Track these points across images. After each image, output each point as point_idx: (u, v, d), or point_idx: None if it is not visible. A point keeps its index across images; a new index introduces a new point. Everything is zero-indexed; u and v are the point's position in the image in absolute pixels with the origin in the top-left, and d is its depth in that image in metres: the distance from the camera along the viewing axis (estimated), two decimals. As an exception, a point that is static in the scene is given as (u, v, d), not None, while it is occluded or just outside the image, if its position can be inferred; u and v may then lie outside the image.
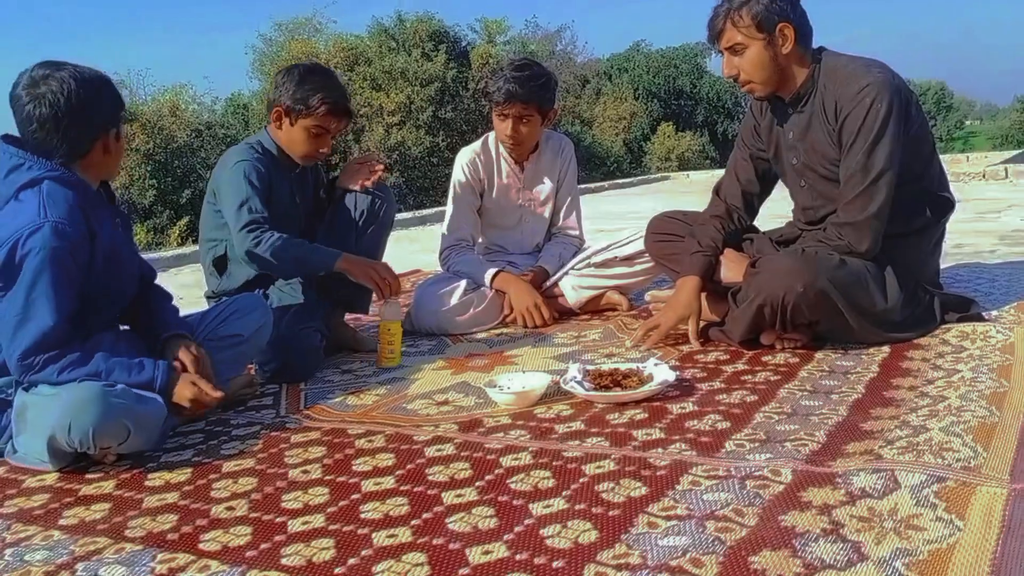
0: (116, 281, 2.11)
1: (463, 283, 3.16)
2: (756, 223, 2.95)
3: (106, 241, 2.04)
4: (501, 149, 3.31)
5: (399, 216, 8.71)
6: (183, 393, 2.03)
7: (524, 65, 3.16)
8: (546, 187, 3.38)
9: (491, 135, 3.34)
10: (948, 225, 2.71)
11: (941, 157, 2.74)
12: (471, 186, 3.30)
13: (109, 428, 1.84)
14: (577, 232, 3.46)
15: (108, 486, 1.84)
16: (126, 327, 2.26)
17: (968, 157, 15.27)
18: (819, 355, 2.46)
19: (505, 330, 3.15)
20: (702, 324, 2.70)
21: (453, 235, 3.30)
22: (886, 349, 2.44)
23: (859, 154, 2.42)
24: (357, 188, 2.90)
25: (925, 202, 2.59)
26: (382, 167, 2.95)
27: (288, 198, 2.82)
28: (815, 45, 2.58)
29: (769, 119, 2.71)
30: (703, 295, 2.70)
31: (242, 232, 2.57)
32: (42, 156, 1.98)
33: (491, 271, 3.18)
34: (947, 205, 2.65)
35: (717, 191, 2.88)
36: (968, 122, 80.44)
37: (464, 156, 3.33)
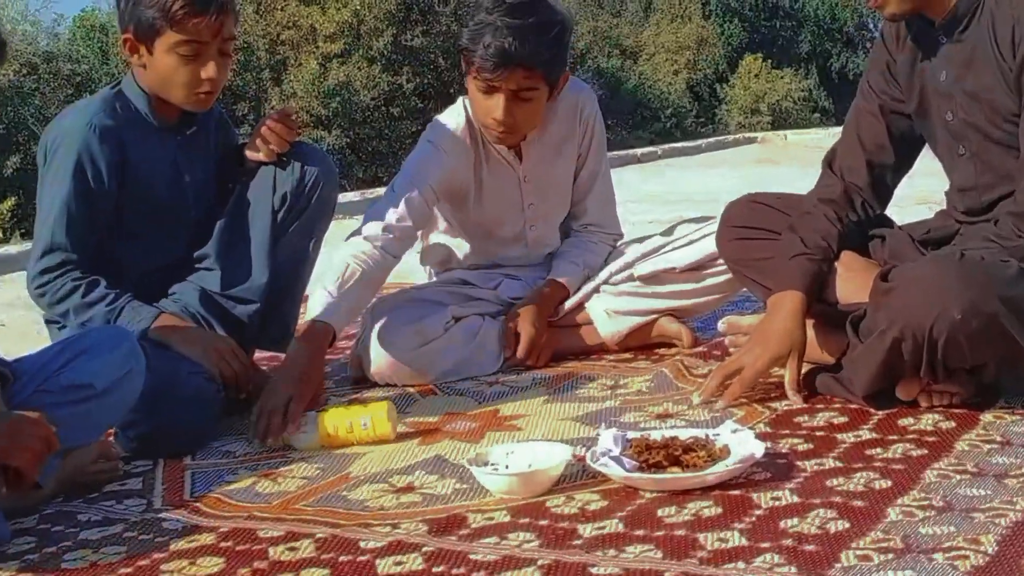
0: None
1: (446, 308, 2.87)
2: (889, 211, 2.74)
3: None
4: None
5: (341, 198, 8.09)
6: None
7: (525, 4, 2.77)
8: (560, 171, 3.04)
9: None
10: None
11: None
12: (447, 187, 2.91)
13: None
14: (608, 226, 3.15)
15: None
16: None
17: None
18: (986, 418, 2.27)
19: (507, 377, 2.87)
20: (806, 367, 2.50)
21: (374, 218, 2.86)
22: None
23: None
24: (265, 157, 2.65)
25: None
26: (296, 116, 2.71)
27: (169, 176, 2.61)
28: None
29: (910, 53, 2.50)
30: (809, 323, 2.50)
31: (33, 273, 2.51)
32: None
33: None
34: None
35: (830, 163, 2.67)
36: None
37: (441, 128, 2.94)
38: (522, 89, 2.69)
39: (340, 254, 2.70)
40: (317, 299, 2.60)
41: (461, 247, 3.06)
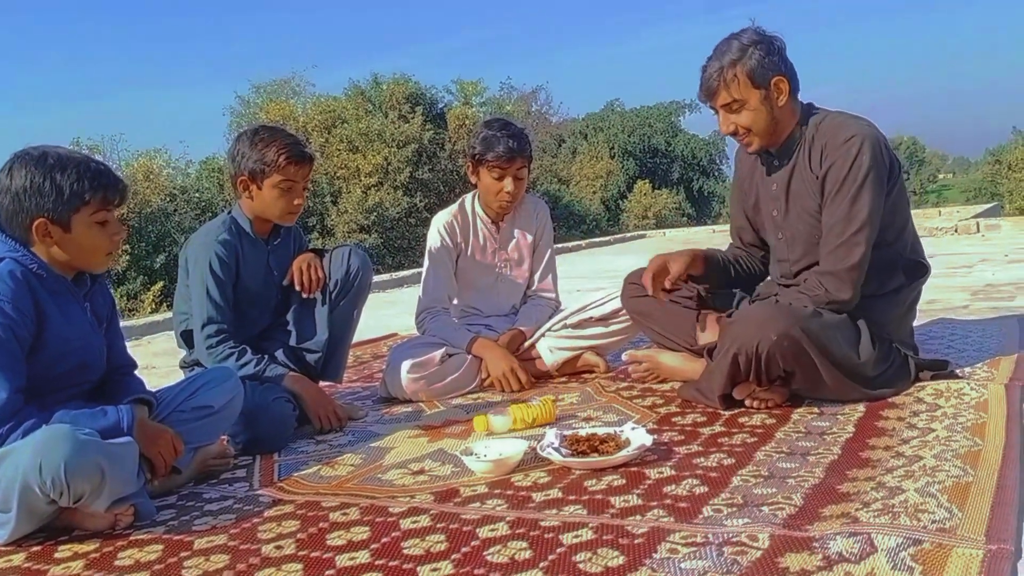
0: (73, 367, 2.13)
1: (441, 348, 3.17)
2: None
3: (59, 327, 2.06)
4: (478, 209, 3.36)
5: (376, 278, 8.81)
6: (144, 433, 2.06)
7: (508, 123, 3.27)
8: (522, 247, 3.43)
9: (468, 197, 3.39)
10: (920, 281, 2.74)
11: (914, 212, 2.80)
12: (447, 249, 3.33)
13: (81, 466, 1.82)
14: (553, 295, 3.49)
15: (76, 566, 1.80)
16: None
17: (940, 212, 15.64)
18: (795, 415, 2.45)
19: (483, 394, 3.13)
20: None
21: (429, 297, 3.32)
22: (861, 408, 2.46)
23: (842, 204, 2.44)
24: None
25: (898, 266, 2.62)
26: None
27: (263, 273, 2.86)
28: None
29: (750, 169, 2.74)
30: (687, 357, 2.80)
31: (201, 338, 2.71)
32: (10, 237, 2.05)
33: (468, 337, 3.19)
34: (921, 269, 2.68)
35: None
36: (941, 175, 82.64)
37: (441, 219, 3.37)
38: (519, 170, 3.18)
39: (441, 320, 3.26)
40: (460, 336, 3.17)
41: (456, 299, 3.43)
